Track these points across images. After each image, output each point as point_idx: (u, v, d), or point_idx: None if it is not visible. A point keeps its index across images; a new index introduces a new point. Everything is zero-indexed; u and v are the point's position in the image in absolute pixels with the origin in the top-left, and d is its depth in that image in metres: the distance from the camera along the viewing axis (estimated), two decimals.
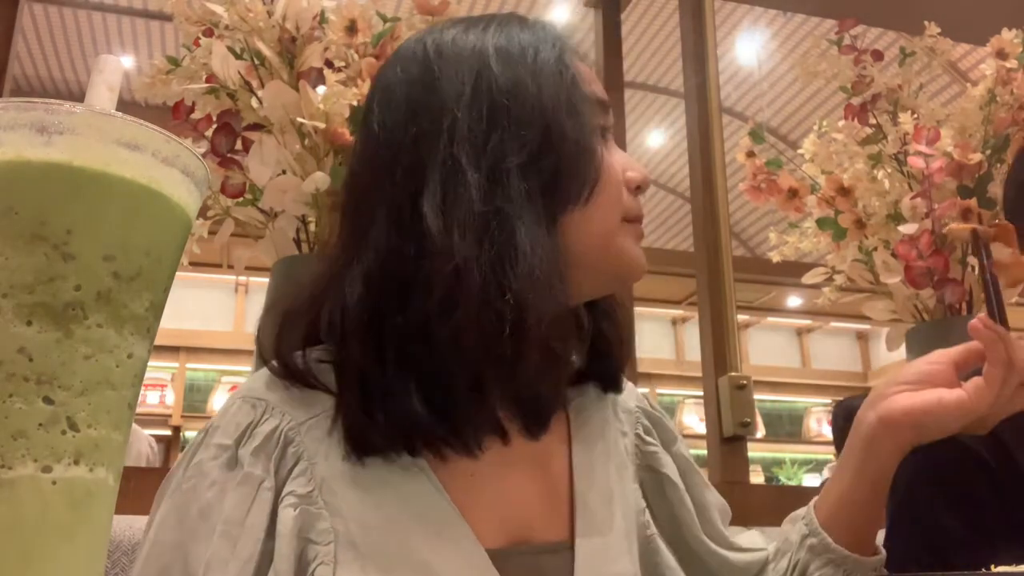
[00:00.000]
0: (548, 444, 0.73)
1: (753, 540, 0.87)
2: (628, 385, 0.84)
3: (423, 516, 0.64)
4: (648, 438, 0.82)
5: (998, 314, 0.77)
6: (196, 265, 1.49)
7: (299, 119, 1.38)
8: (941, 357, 0.80)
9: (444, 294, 0.61)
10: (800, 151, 1.93)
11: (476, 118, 0.65)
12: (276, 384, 0.68)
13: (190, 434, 5.46)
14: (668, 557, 0.78)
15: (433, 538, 0.63)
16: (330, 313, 0.66)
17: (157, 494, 0.66)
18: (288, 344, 0.69)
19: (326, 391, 0.66)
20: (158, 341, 0.40)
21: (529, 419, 0.69)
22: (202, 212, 1.42)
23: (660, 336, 6.52)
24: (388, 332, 0.63)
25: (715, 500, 0.85)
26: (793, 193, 1.89)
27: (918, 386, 0.78)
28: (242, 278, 5.67)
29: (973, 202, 1.70)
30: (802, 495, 2.23)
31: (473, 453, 0.65)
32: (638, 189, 0.73)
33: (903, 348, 1.80)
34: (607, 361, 0.79)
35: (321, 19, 1.49)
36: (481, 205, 0.63)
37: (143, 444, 3.86)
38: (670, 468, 0.81)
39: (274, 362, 0.68)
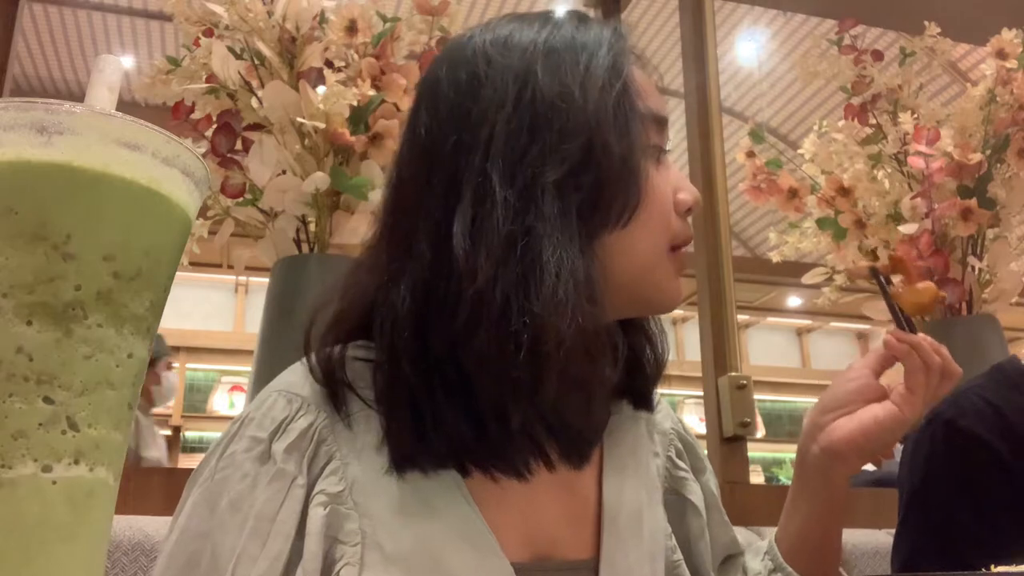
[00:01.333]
0: None
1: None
2: (664, 404, 0.83)
3: (451, 526, 0.64)
4: (679, 462, 0.81)
5: (906, 326, 0.84)
6: (196, 265, 1.49)
7: (299, 119, 1.38)
8: (860, 371, 0.83)
9: (467, 317, 0.60)
10: (800, 151, 1.93)
11: (515, 131, 0.63)
12: (313, 379, 0.67)
13: (190, 434, 5.46)
14: None
15: (460, 548, 0.63)
16: (381, 324, 0.65)
17: (188, 481, 0.65)
18: (330, 343, 0.68)
19: (361, 400, 0.66)
20: None
21: (565, 448, 0.67)
22: (202, 212, 1.42)
23: None
24: (432, 353, 0.63)
25: (726, 539, 0.85)
26: (793, 193, 1.89)
27: (850, 408, 0.81)
28: (242, 278, 5.67)
29: (973, 202, 1.70)
30: None
31: (522, 476, 0.65)
32: (688, 211, 0.71)
33: None
34: (639, 378, 0.77)
35: (321, 19, 1.49)
36: (509, 224, 0.61)
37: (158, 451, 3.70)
38: (696, 496, 0.81)
39: (315, 364, 0.67)
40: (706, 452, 1.83)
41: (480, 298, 0.60)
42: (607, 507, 0.72)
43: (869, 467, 3.03)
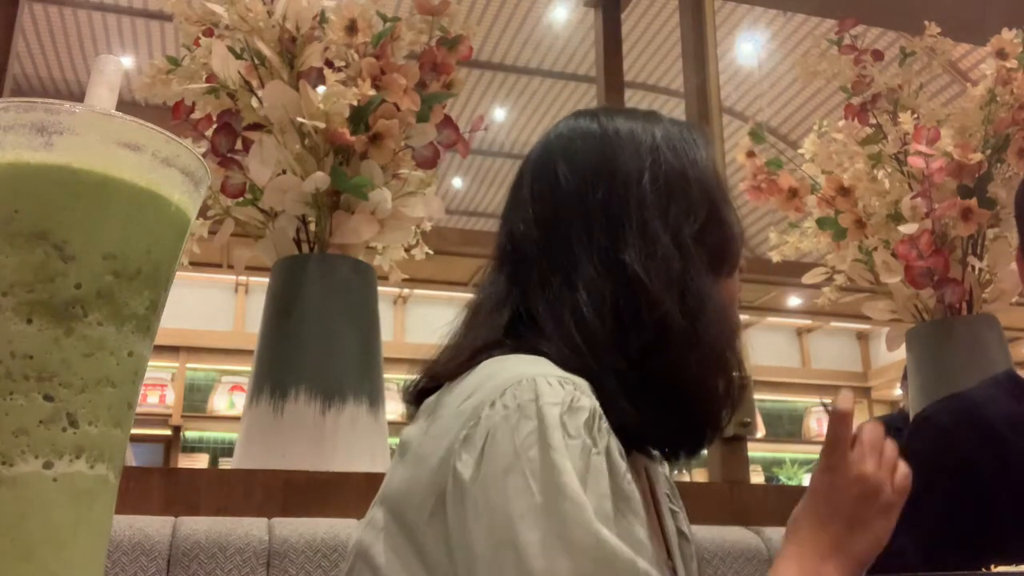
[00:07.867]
0: None
1: None
2: None
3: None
4: None
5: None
6: (196, 265, 1.50)
7: (299, 119, 1.38)
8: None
9: (655, 336, 0.72)
10: (800, 151, 1.93)
11: (655, 192, 0.77)
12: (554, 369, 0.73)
13: (190, 434, 5.44)
14: None
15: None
16: (566, 335, 0.73)
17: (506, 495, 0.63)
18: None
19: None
20: (158, 341, 0.40)
21: (699, 447, 0.79)
22: (202, 212, 1.42)
23: None
24: (622, 355, 0.73)
25: None
26: (793, 193, 1.89)
27: None
28: (242, 278, 5.65)
29: (973, 202, 1.70)
30: (802, 495, 2.23)
31: (672, 461, 0.81)
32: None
33: (903, 348, 1.80)
34: None
35: (321, 19, 1.49)
36: (679, 264, 0.74)
37: None
38: None
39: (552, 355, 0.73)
40: (706, 452, 1.84)
41: (665, 322, 0.73)
42: None
43: None
